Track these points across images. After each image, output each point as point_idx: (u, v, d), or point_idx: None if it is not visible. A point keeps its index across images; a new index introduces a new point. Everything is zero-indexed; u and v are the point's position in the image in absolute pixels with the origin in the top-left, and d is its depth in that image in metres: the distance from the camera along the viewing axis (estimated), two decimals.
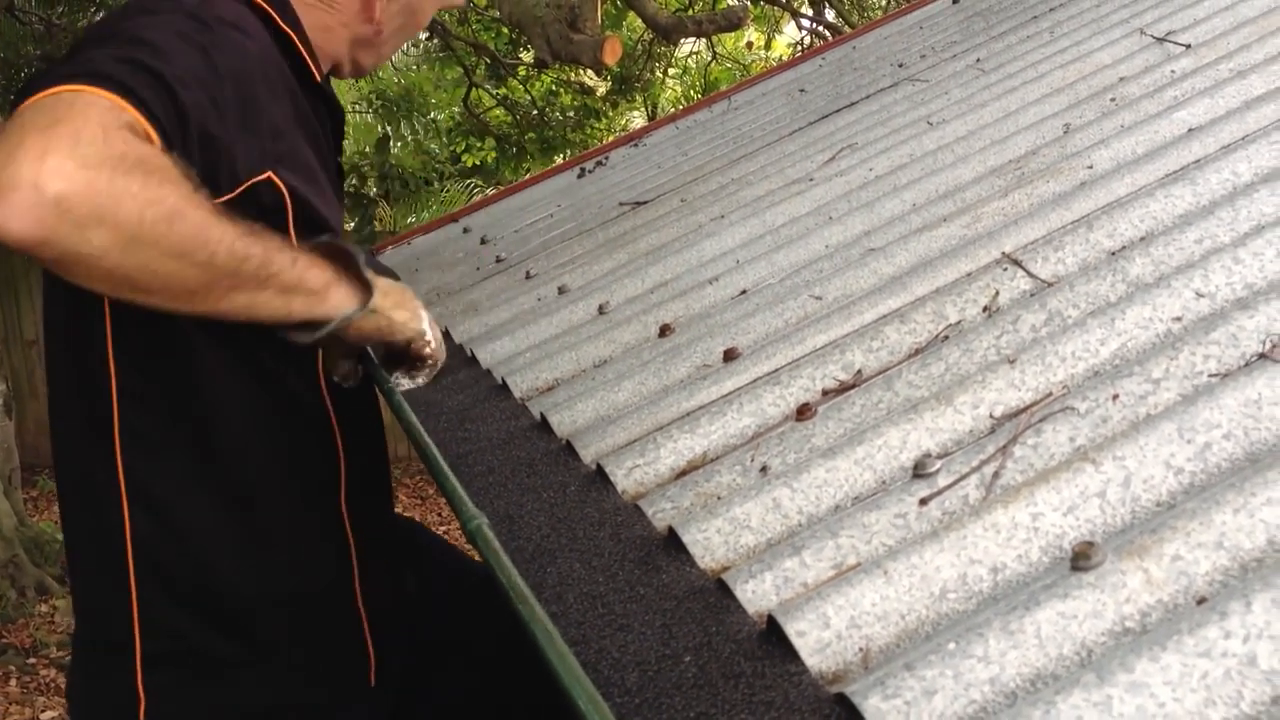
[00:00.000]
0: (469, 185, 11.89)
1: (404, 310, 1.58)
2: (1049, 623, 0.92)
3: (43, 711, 4.83)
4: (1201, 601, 0.90)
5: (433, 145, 11.69)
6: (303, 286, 1.41)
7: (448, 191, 11.68)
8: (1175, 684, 0.82)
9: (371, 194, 10.63)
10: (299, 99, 1.55)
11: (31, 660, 5.22)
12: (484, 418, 1.71)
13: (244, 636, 1.53)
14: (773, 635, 1.03)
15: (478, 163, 12.39)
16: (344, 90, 11.24)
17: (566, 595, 1.18)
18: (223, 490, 1.50)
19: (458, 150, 12.28)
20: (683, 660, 1.04)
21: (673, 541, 1.23)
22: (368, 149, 10.90)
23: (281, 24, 1.55)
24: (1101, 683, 0.83)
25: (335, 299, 1.46)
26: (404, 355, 1.63)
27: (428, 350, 1.63)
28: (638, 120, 12.69)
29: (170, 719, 1.55)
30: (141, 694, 1.52)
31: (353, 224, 10.20)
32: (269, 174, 1.44)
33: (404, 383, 1.74)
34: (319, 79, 1.63)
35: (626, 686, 1.02)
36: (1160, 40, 2.37)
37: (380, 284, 1.54)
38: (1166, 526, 0.97)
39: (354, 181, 10.49)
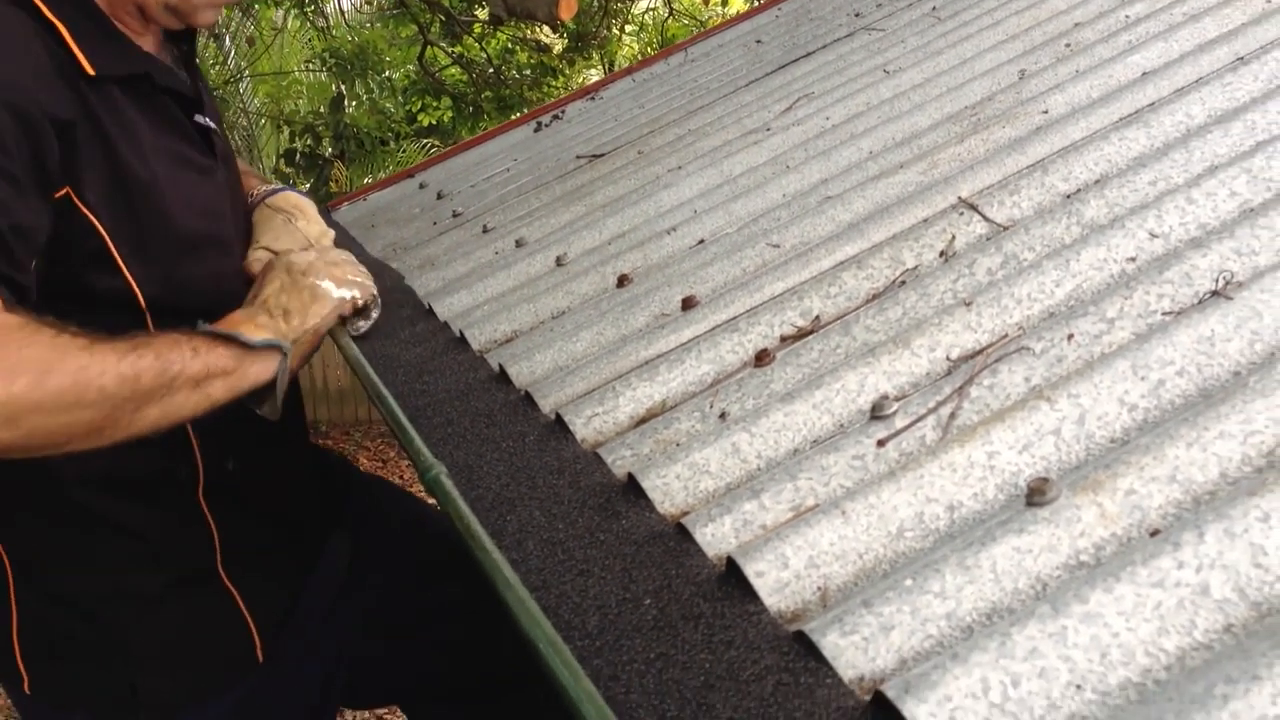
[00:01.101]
0: (426, 145, 11.78)
1: (315, 301, 1.57)
2: (1004, 558, 0.93)
3: None
4: (1155, 534, 0.91)
5: (388, 104, 11.57)
6: (213, 372, 1.40)
7: (404, 152, 11.56)
8: (1129, 614, 0.83)
9: (327, 154, 10.50)
10: (103, 91, 1.42)
11: None
12: (442, 370, 1.69)
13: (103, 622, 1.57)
14: (732, 577, 1.03)
15: (434, 122, 12.26)
16: (296, 49, 11.10)
17: (526, 542, 1.18)
18: (70, 506, 1.52)
19: (414, 110, 12.15)
20: (643, 603, 1.04)
21: (632, 488, 1.22)
22: (322, 108, 10.77)
23: (51, 16, 1.38)
24: (1056, 614, 0.83)
25: (254, 367, 1.46)
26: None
27: (359, 305, 1.67)
28: (595, 78, 12.60)
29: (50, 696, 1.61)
30: (24, 672, 1.58)
31: (308, 185, 10.08)
32: (67, 190, 1.35)
33: (361, 325, 1.74)
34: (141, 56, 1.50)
35: (587, 630, 1.02)
36: None
37: (271, 296, 1.53)
38: (1120, 461, 0.98)
39: (309, 142, 10.37)
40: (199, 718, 1.65)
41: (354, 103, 11.24)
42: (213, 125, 1.66)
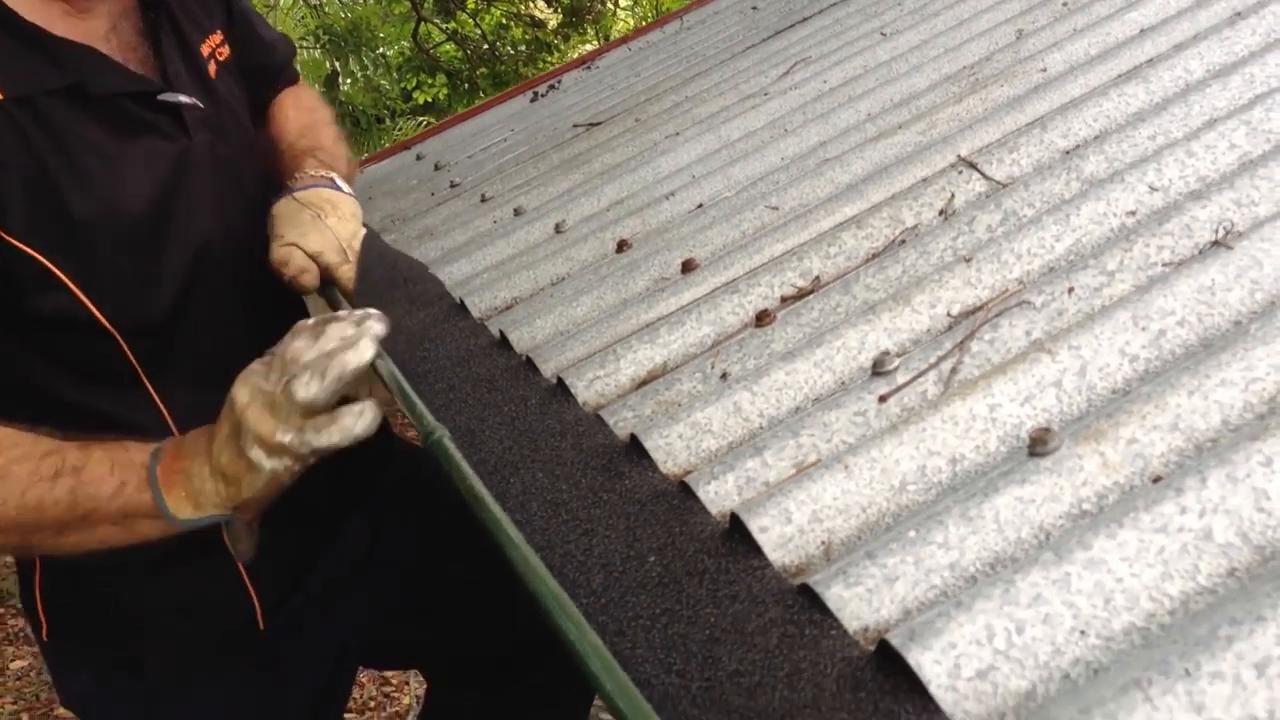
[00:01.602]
0: (421, 123, 11.76)
1: (249, 472, 1.28)
2: (1007, 508, 0.93)
3: (11, 661, 4.81)
4: (1157, 480, 0.91)
5: (383, 82, 11.54)
6: (136, 512, 1.29)
7: (400, 129, 11.55)
8: (1132, 559, 0.83)
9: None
10: (26, 107, 1.31)
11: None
12: (442, 338, 1.69)
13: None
14: (735, 533, 1.03)
15: (430, 99, 12.23)
16: (290, 26, 11.05)
17: (530, 504, 1.18)
18: None
19: (409, 87, 12.12)
20: (647, 560, 1.04)
21: (634, 448, 1.22)
22: (317, 86, 10.73)
23: None
24: (1060, 561, 0.83)
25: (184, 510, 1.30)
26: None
27: (300, 461, 1.30)
28: None
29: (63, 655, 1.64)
30: (43, 620, 1.59)
31: None
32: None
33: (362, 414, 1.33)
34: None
35: (592, 587, 1.03)
36: None
37: (219, 451, 1.27)
38: (1122, 411, 0.98)
39: None
40: (201, 691, 1.65)
41: (349, 80, 11.21)
42: (185, 100, 1.49)
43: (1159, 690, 0.70)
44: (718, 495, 1.10)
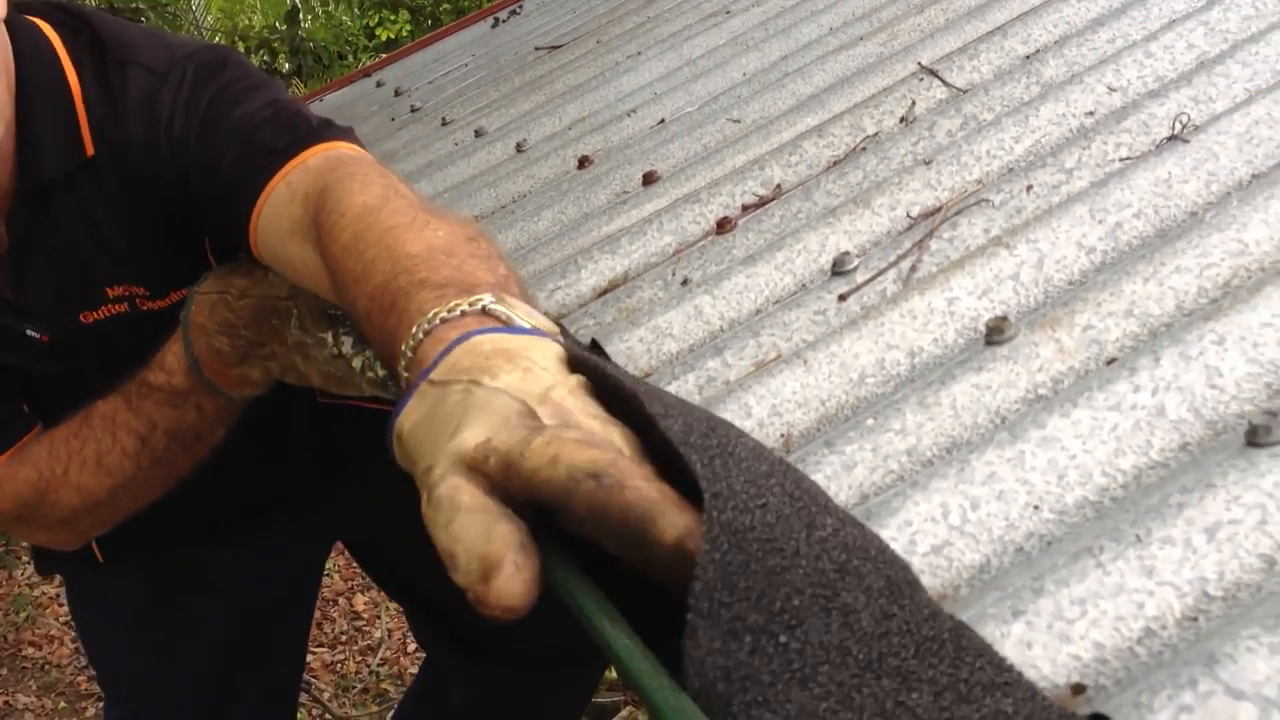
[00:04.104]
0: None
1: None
2: (964, 395, 0.93)
3: None
4: (1111, 362, 0.92)
5: (344, 18, 11.35)
6: (181, 378, 1.34)
7: (362, 66, 11.38)
8: (1086, 437, 0.83)
9: (284, 70, 10.33)
10: None
11: None
12: None
13: None
14: None
15: (392, 36, 12.05)
16: None
17: None
18: None
19: (370, 24, 11.94)
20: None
21: (596, 353, 1.22)
22: (277, 23, 10.57)
23: None
24: (1014, 440, 0.84)
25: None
26: None
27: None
28: None
29: None
30: None
31: None
32: None
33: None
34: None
35: None
36: None
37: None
38: (1078, 300, 0.99)
39: (265, 58, 10.18)
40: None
41: (309, 17, 11.03)
42: (33, 334, 1.37)
43: (1110, 556, 0.71)
44: (679, 394, 1.10)
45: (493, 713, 2.07)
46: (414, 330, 0.78)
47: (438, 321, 0.77)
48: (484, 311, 0.77)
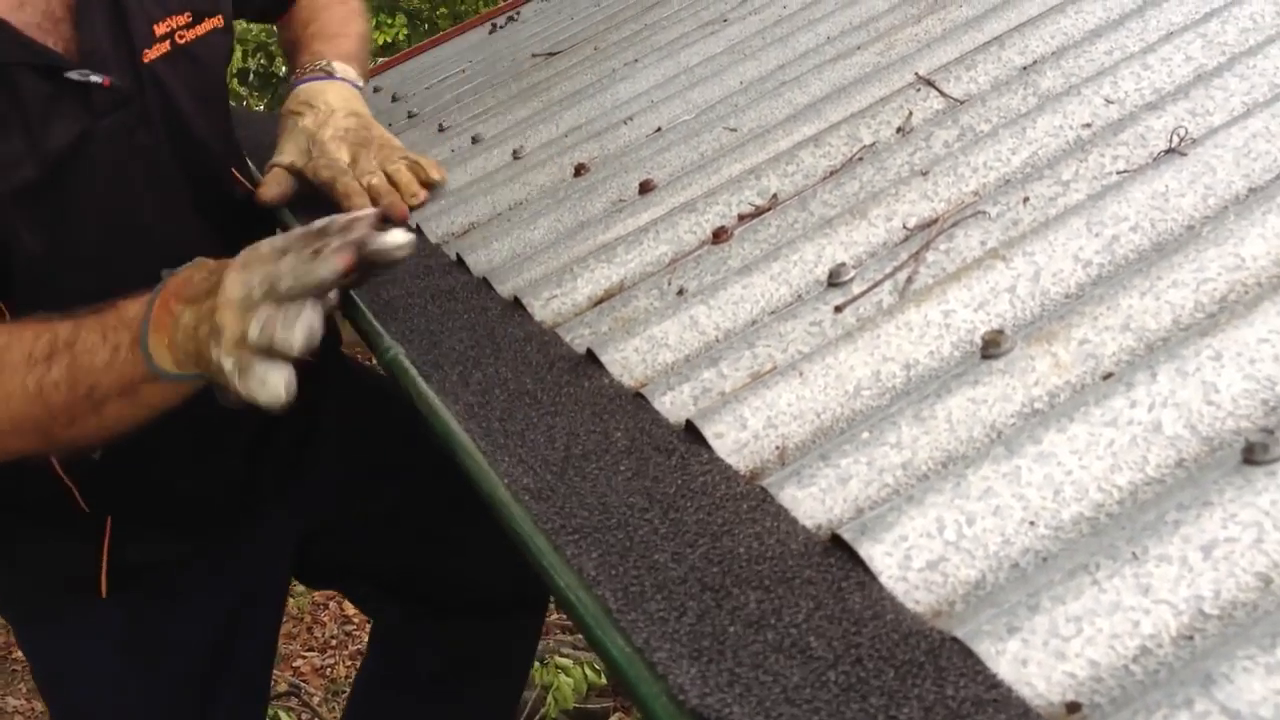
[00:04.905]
0: (380, 64, 11.60)
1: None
2: (959, 408, 0.93)
3: None
4: (1108, 377, 0.92)
5: None
6: (137, 376, 1.18)
7: None
8: (1082, 452, 0.83)
9: (281, 73, 10.31)
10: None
11: None
12: None
13: None
14: (691, 440, 1.03)
15: (389, 40, 12.05)
16: None
17: (493, 390, 1.18)
18: None
19: None
20: (613, 435, 1.05)
21: (592, 362, 1.22)
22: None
23: None
24: (1010, 455, 0.84)
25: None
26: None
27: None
28: None
29: None
30: None
31: (263, 105, 9.91)
32: None
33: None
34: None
35: (555, 450, 1.04)
36: None
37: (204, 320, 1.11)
38: (1074, 313, 0.98)
39: (262, 60, 10.17)
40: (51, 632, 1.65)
41: None
42: (95, 79, 1.41)
43: (1106, 573, 0.71)
44: (674, 405, 1.10)
45: (461, 667, 2.09)
46: (296, 72, 1.71)
47: (307, 67, 1.70)
48: (323, 71, 1.69)
